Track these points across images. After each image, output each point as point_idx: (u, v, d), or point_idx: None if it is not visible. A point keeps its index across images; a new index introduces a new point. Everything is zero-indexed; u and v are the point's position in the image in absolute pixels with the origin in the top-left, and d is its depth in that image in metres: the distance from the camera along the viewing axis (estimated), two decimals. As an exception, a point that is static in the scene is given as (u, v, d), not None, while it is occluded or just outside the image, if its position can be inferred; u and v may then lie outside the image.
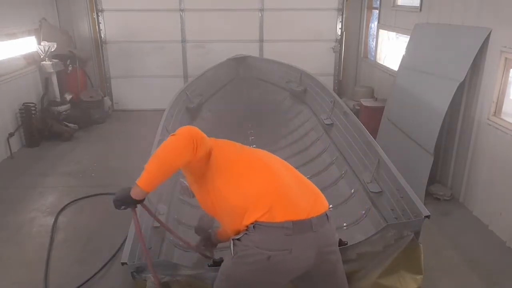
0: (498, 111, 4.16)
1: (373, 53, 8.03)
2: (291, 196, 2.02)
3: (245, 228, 1.96)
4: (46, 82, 7.25)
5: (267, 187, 2.02)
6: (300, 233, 1.92)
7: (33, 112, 6.40)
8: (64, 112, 7.16)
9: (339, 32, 8.48)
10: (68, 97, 7.53)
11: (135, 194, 2.07)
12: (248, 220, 1.95)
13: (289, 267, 1.96)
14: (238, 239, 1.96)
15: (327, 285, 2.15)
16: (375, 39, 7.81)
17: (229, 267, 2.02)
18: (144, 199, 2.13)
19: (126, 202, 2.13)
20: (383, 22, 7.36)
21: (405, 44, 5.84)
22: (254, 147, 2.46)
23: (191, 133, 2.03)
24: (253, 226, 1.92)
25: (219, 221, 2.32)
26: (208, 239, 2.73)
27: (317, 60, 8.44)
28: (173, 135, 2.02)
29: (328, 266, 2.08)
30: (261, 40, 8.47)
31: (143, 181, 2.02)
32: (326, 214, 2.04)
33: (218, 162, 2.12)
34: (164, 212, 3.23)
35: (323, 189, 4.13)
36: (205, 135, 2.11)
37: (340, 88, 8.81)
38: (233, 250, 1.98)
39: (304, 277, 2.06)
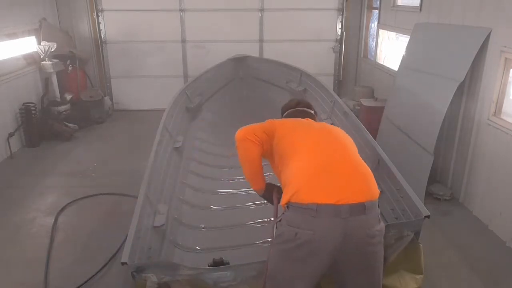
0: (498, 111, 4.16)
1: (373, 53, 8.03)
2: (324, 180, 2.03)
3: (284, 208, 2.08)
4: (46, 82, 7.25)
5: (305, 168, 2.11)
6: (325, 216, 1.93)
7: (33, 112, 6.40)
8: (64, 112, 7.16)
9: (339, 32, 8.48)
10: (68, 97, 7.53)
11: (259, 193, 2.58)
12: (284, 199, 2.08)
13: (314, 248, 1.96)
14: (279, 220, 2.10)
15: (358, 280, 2.08)
16: (375, 39, 7.82)
17: (270, 252, 2.13)
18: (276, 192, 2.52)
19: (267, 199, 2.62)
20: (383, 22, 7.36)
21: (405, 44, 5.84)
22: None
23: (241, 134, 2.41)
24: (287, 206, 2.05)
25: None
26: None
27: (317, 60, 8.44)
28: (236, 146, 2.44)
29: (360, 258, 2.02)
30: (261, 40, 8.47)
31: (253, 186, 2.55)
32: (364, 204, 1.96)
33: (279, 141, 2.36)
34: (164, 212, 3.22)
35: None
36: (257, 126, 2.45)
37: (340, 88, 8.81)
38: (275, 233, 2.14)
39: (336, 268, 2.05)
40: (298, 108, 2.77)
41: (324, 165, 2.11)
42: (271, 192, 2.54)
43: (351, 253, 1.99)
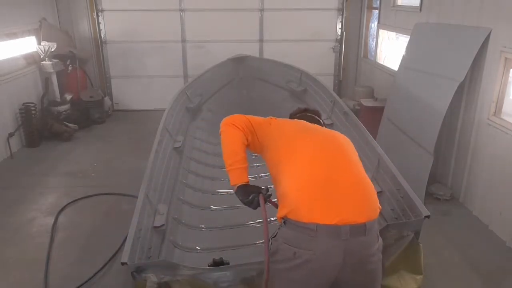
0: (498, 111, 4.16)
1: (373, 53, 8.03)
2: (327, 198, 1.93)
3: (281, 221, 2.00)
4: (46, 82, 7.25)
5: (305, 182, 1.99)
6: (325, 237, 1.86)
7: (33, 112, 6.39)
8: (64, 112, 7.16)
9: (339, 32, 8.47)
10: (68, 97, 7.53)
11: (235, 191, 2.22)
12: (281, 212, 1.99)
13: (314, 268, 1.91)
14: (274, 236, 2.02)
15: None
16: (375, 39, 7.81)
17: (270, 265, 2.04)
18: (262, 189, 2.21)
19: (241, 196, 2.21)
20: (383, 22, 7.37)
21: (405, 44, 5.84)
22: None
23: (226, 120, 2.31)
24: (284, 222, 1.97)
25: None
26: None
27: (317, 60, 8.44)
28: (220, 133, 2.31)
29: (360, 278, 1.98)
30: (261, 40, 8.47)
31: (232, 179, 2.21)
32: (365, 225, 1.90)
33: (275, 141, 2.24)
34: (164, 212, 3.22)
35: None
36: (249, 117, 2.34)
37: (340, 88, 8.81)
38: (271, 248, 2.03)
39: (338, 283, 1.98)
40: (307, 114, 2.67)
41: (326, 179, 1.98)
42: (251, 194, 2.17)
43: (351, 272, 1.94)
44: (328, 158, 2.10)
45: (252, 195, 2.15)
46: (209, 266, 2.47)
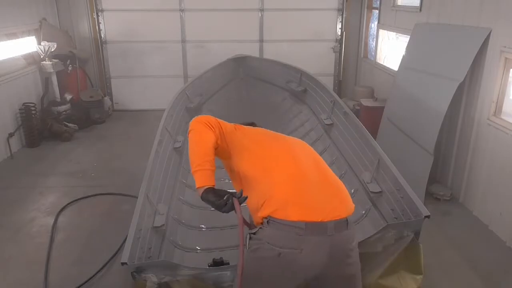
0: (498, 111, 4.16)
1: (373, 53, 8.03)
2: (310, 196, 1.98)
3: (261, 220, 1.97)
4: (46, 82, 7.25)
5: (288, 183, 2.01)
6: (313, 235, 1.89)
7: (33, 112, 6.40)
8: (64, 112, 7.16)
9: (339, 32, 8.48)
10: (68, 97, 7.53)
11: (200, 195, 2.09)
12: (263, 212, 1.96)
13: (299, 266, 1.93)
14: (254, 233, 1.98)
15: None
16: (375, 39, 7.81)
17: (244, 261, 1.99)
18: (235, 193, 2.08)
19: (210, 201, 2.07)
20: (383, 22, 7.37)
21: (405, 44, 5.84)
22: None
23: (198, 119, 2.26)
24: (267, 221, 1.93)
25: (247, 205, 2.18)
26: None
27: (317, 60, 8.44)
28: (190, 127, 2.25)
29: (342, 271, 2.02)
30: (261, 40, 8.47)
31: (197, 181, 2.09)
32: (347, 220, 1.98)
33: (245, 146, 2.22)
34: (164, 212, 3.22)
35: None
36: (220, 121, 2.30)
37: (340, 88, 8.81)
38: (248, 243, 1.99)
39: (318, 279, 2.01)
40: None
41: (307, 179, 2.05)
42: (225, 196, 2.04)
43: (333, 267, 1.96)
44: (304, 161, 2.15)
45: (227, 195, 2.03)
46: (209, 266, 2.47)
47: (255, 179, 2.09)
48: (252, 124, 2.64)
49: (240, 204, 2.03)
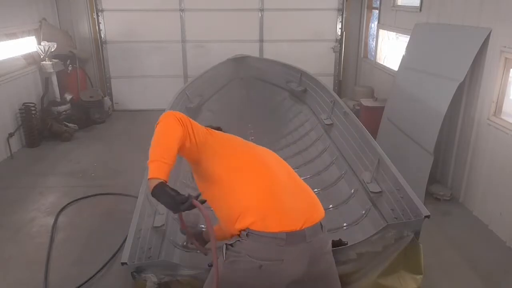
0: (498, 111, 4.16)
1: (373, 53, 8.03)
2: (287, 205, 1.97)
3: (238, 232, 1.94)
4: (46, 82, 7.25)
5: (264, 193, 1.99)
6: (293, 244, 1.89)
7: (33, 112, 6.40)
8: (64, 112, 7.16)
9: (339, 32, 8.47)
10: (68, 97, 7.53)
11: (150, 189, 1.85)
12: (240, 224, 1.92)
13: (280, 276, 1.92)
14: (231, 245, 1.95)
15: None
16: (375, 39, 7.81)
17: (221, 270, 1.94)
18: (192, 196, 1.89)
19: (162, 198, 1.83)
20: (383, 22, 7.36)
21: (405, 44, 5.84)
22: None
23: (171, 114, 2.05)
24: (246, 234, 1.90)
25: (216, 214, 2.19)
26: (198, 236, 2.54)
27: (317, 60, 8.44)
28: (159, 120, 2.05)
29: (320, 273, 2.03)
30: (261, 40, 8.47)
31: (151, 172, 1.85)
32: (321, 223, 2.00)
33: (217, 152, 2.12)
34: (164, 212, 3.22)
35: (323, 189, 4.15)
36: (186, 117, 2.11)
37: (340, 88, 8.81)
38: (225, 254, 1.95)
39: (296, 284, 2.00)
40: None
41: (281, 189, 2.03)
42: (177, 192, 1.84)
43: (313, 270, 1.96)
44: (276, 170, 2.13)
45: (188, 194, 1.84)
46: (209, 266, 2.47)
47: (229, 187, 2.03)
48: (218, 129, 2.44)
49: (202, 202, 1.88)
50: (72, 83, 7.71)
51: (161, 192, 1.80)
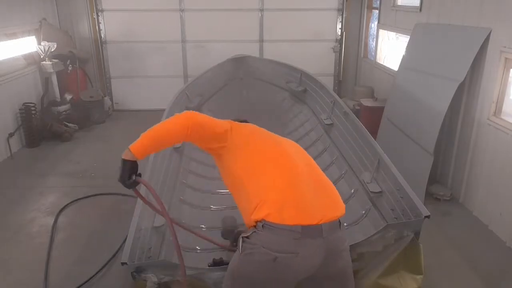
0: (498, 111, 4.16)
1: (373, 53, 8.03)
2: (305, 199, 1.97)
3: (255, 223, 1.95)
4: (46, 82, 7.25)
5: (282, 185, 1.99)
6: (309, 237, 1.88)
7: (33, 112, 6.40)
8: (64, 112, 7.16)
9: (339, 32, 8.48)
10: (68, 97, 7.53)
11: (125, 155, 2.11)
12: (257, 215, 1.92)
13: (295, 269, 1.93)
14: (247, 237, 1.96)
15: None
16: (375, 39, 7.82)
17: (236, 264, 2.00)
18: (135, 162, 2.14)
19: (123, 169, 2.12)
20: (383, 22, 7.37)
21: (405, 44, 5.84)
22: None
23: (188, 121, 2.12)
24: (262, 225, 1.90)
25: (237, 204, 2.21)
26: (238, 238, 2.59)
27: (317, 60, 8.44)
28: (176, 115, 2.16)
29: (336, 271, 2.03)
30: (261, 40, 8.47)
31: (135, 147, 2.09)
32: (339, 221, 1.99)
33: (238, 147, 2.16)
34: (164, 212, 3.22)
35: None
36: (207, 120, 2.18)
37: (340, 88, 8.81)
38: (241, 247, 1.96)
39: (311, 280, 2.01)
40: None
41: (301, 182, 2.02)
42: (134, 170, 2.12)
43: (328, 268, 1.97)
44: (297, 163, 2.12)
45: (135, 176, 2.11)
46: (209, 266, 2.47)
47: (248, 180, 2.06)
48: (244, 121, 2.57)
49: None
50: (72, 83, 7.71)
51: (124, 164, 2.10)
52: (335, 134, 4.78)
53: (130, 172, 2.11)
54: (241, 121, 2.49)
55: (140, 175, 2.15)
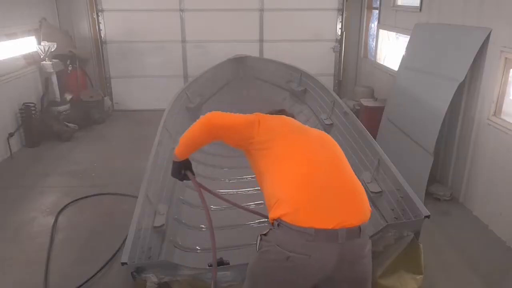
0: (498, 111, 4.16)
1: (373, 53, 8.03)
2: (323, 202, 1.92)
3: (272, 221, 1.95)
4: (46, 82, 7.25)
5: (301, 186, 1.95)
6: (323, 241, 1.85)
7: (33, 112, 6.39)
8: (64, 112, 7.15)
9: (339, 32, 8.48)
10: (68, 97, 7.52)
11: (173, 157, 2.45)
12: (274, 213, 1.92)
13: (308, 271, 1.90)
14: (264, 234, 1.97)
15: None
16: (375, 39, 7.82)
17: (253, 262, 2.02)
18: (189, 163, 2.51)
19: (172, 168, 2.49)
20: (383, 22, 7.36)
21: (405, 44, 5.84)
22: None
23: (205, 125, 2.24)
24: (278, 224, 1.90)
25: (264, 196, 2.18)
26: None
27: (317, 60, 8.44)
28: (200, 118, 2.27)
29: (353, 276, 1.98)
30: (261, 40, 8.47)
31: (176, 152, 2.41)
32: (360, 228, 1.91)
33: (264, 143, 2.15)
34: (164, 212, 3.22)
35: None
36: (227, 120, 2.22)
37: (340, 88, 8.81)
38: (259, 245, 1.98)
39: (327, 283, 1.98)
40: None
41: (322, 183, 1.97)
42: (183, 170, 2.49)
43: (341, 273, 1.93)
44: (322, 161, 2.07)
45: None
46: (209, 266, 2.47)
47: (271, 177, 2.05)
48: (281, 111, 2.65)
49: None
50: (72, 83, 7.71)
51: (173, 164, 2.47)
52: (335, 134, 4.78)
53: (179, 169, 2.47)
54: (277, 111, 2.61)
55: (191, 170, 2.51)
